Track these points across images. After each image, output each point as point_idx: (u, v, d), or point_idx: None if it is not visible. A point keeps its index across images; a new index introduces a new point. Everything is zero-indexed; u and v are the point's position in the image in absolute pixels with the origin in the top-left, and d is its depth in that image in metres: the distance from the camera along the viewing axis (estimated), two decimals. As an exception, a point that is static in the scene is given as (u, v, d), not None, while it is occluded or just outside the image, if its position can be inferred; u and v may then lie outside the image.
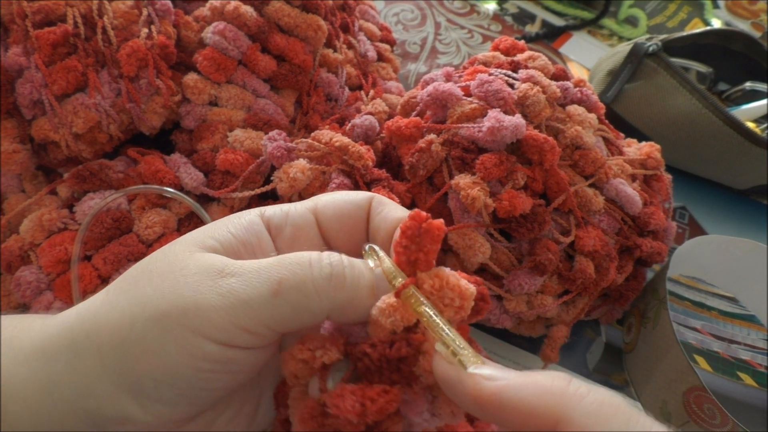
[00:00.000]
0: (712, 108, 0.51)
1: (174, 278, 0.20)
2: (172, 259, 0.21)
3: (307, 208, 0.24)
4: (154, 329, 0.19)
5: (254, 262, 0.21)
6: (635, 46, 0.54)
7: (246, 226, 0.23)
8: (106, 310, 0.20)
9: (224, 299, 0.20)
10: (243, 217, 0.23)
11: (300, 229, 0.24)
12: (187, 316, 0.19)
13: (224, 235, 0.22)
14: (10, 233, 0.37)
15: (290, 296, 0.20)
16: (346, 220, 0.24)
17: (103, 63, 0.37)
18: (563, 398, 0.16)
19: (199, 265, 0.21)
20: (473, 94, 0.40)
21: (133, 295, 0.20)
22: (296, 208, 0.24)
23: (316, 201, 0.24)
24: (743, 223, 0.56)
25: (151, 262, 0.22)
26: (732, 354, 0.46)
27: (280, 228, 0.23)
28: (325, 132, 0.39)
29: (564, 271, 0.39)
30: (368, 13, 0.58)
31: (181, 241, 0.22)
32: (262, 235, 0.23)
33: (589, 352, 0.45)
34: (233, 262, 0.21)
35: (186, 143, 0.41)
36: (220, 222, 0.23)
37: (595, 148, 0.41)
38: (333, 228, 0.24)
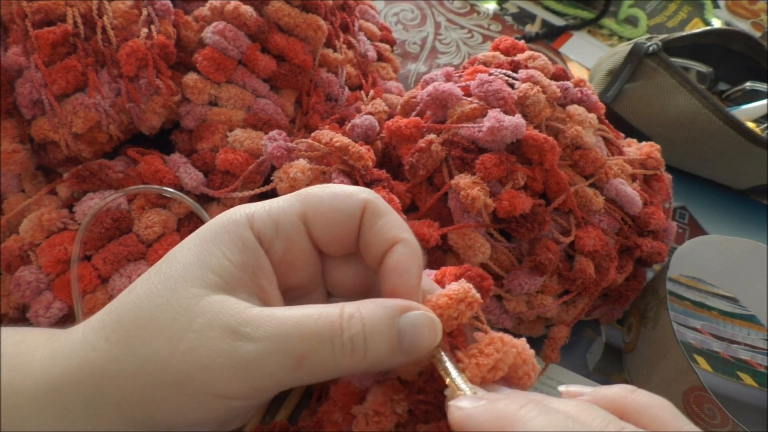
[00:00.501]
0: (712, 108, 0.51)
1: (187, 337, 0.19)
2: (178, 307, 0.20)
3: (296, 215, 0.23)
4: (176, 391, 0.19)
5: (273, 320, 0.20)
6: (635, 46, 0.54)
7: (241, 247, 0.22)
8: (116, 367, 0.20)
9: (244, 369, 0.19)
10: (234, 233, 0.22)
11: (291, 241, 0.23)
12: (207, 381, 0.19)
13: (223, 266, 0.21)
14: (9, 233, 0.37)
15: (311, 371, 0.20)
16: (337, 229, 0.23)
17: (103, 63, 0.37)
18: (512, 422, 0.18)
19: (212, 318, 0.20)
20: (473, 94, 0.40)
21: (144, 353, 0.20)
22: (286, 218, 0.23)
23: (306, 204, 0.23)
24: (743, 223, 0.56)
25: (155, 309, 0.20)
26: (732, 354, 0.46)
27: (271, 241, 0.22)
28: (325, 132, 0.39)
29: (564, 271, 0.39)
30: (368, 13, 0.58)
31: (180, 279, 0.21)
32: (258, 253, 0.22)
33: (589, 352, 0.45)
34: (249, 315, 0.20)
35: (186, 143, 0.41)
36: (212, 245, 0.22)
37: (595, 148, 0.41)
38: (323, 236, 0.23)
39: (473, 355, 0.22)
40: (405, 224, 0.23)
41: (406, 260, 0.22)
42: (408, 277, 0.22)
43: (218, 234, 0.22)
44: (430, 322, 0.21)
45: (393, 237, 0.22)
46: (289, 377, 0.20)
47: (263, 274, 0.22)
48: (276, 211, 0.22)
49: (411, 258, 0.22)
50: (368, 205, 0.23)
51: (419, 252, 0.23)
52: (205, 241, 0.22)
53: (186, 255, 0.21)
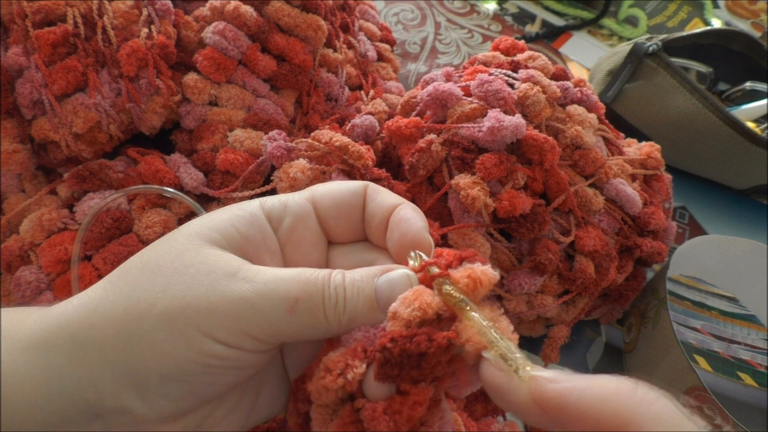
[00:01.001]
0: (712, 108, 0.51)
1: (184, 276, 0.20)
2: (179, 253, 0.21)
3: (305, 198, 0.24)
4: (164, 328, 0.20)
5: (269, 271, 0.21)
6: (635, 46, 0.54)
7: (250, 220, 0.23)
8: (111, 305, 0.20)
9: (237, 306, 0.20)
10: (245, 209, 0.23)
11: (299, 219, 0.24)
12: (198, 317, 0.20)
13: (229, 231, 0.22)
14: (10, 233, 0.37)
15: (303, 316, 0.21)
16: (343, 207, 0.24)
17: (103, 63, 0.37)
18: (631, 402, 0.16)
19: (210, 264, 0.21)
20: (473, 94, 0.40)
21: (140, 292, 0.20)
22: (294, 199, 0.24)
23: (313, 191, 0.25)
24: (743, 223, 0.56)
25: (157, 256, 0.21)
26: (732, 354, 0.46)
27: (279, 220, 0.24)
28: (325, 132, 0.39)
29: (564, 271, 0.39)
30: (368, 13, 0.58)
31: (184, 233, 0.22)
32: (265, 230, 0.23)
33: (589, 352, 0.45)
34: (247, 266, 0.21)
35: (186, 143, 0.41)
36: (223, 213, 0.23)
37: (595, 148, 0.41)
38: (331, 216, 0.24)
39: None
40: (402, 198, 0.25)
41: (409, 213, 0.23)
42: (413, 223, 0.23)
43: (231, 208, 0.23)
44: (406, 279, 0.22)
45: (393, 202, 0.24)
46: (281, 321, 0.20)
47: (267, 249, 0.23)
48: (285, 196, 0.24)
49: (413, 212, 0.23)
50: (369, 185, 0.25)
51: (418, 210, 0.24)
52: (217, 212, 0.23)
53: (196, 221, 0.23)
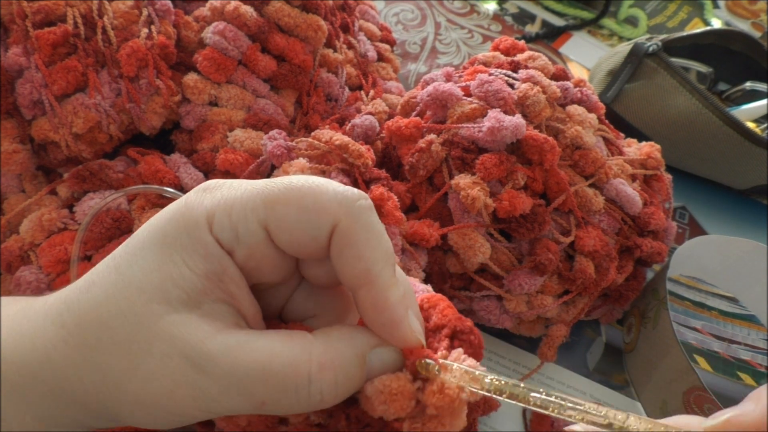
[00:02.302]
0: (712, 108, 0.51)
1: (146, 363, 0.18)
2: (136, 325, 0.19)
3: (258, 223, 0.20)
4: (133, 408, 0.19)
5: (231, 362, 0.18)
6: (635, 46, 0.54)
7: (204, 254, 0.19)
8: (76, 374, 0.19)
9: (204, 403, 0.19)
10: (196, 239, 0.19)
11: (253, 248, 0.20)
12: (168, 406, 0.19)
13: (185, 276, 0.19)
14: (10, 233, 0.37)
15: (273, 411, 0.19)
16: (301, 245, 0.20)
17: (103, 63, 0.37)
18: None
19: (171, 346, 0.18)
20: (473, 94, 0.40)
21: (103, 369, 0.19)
22: (246, 225, 0.20)
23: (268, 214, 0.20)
24: (743, 223, 0.56)
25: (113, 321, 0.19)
26: (732, 354, 0.46)
27: (231, 247, 0.20)
28: (325, 131, 0.39)
29: (564, 271, 0.39)
30: (368, 13, 0.58)
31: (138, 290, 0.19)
32: (223, 260, 0.20)
33: (589, 352, 0.45)
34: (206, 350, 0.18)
35: (186, 143, 0.41)
36: (172, 250, 0.19)
37: (595, 148, 0.41)
38: (288, 247, 0.20)
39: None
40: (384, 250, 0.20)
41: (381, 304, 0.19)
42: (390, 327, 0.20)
43: (178, 238, 0.20)
44: (398, 363, 0.20)
45: (361, 274, 0.19)
46: (250, 413, 0.19)
47: (230, 279, 0.20)
48: (237, 215, 0.20)
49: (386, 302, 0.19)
50: (337, 230, 0.19)
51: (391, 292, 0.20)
52: (165, 245, 0.20)
53: (145, 258, 0.20)
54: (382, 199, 0.35)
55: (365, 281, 0.19)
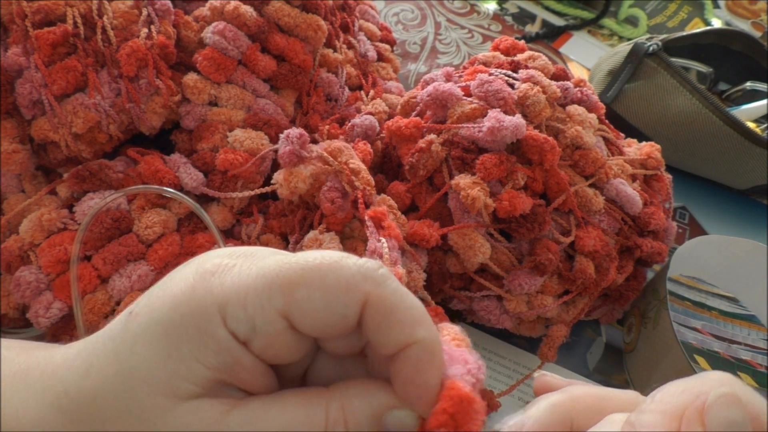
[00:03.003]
0: (712, 108, 0.51)
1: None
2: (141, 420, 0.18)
3: (277, 314, 0.18)
4: None
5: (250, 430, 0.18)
6: (635, 46, 0.54)
7: (215, 350, 0.18)
8: None
9: None
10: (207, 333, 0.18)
11: (271, 338, 0.19)
12: None
13: (195, 370, 0.18)
14: (9, 233, 0.37)
15: None
16: (328, 329, 0.19)
17: (103, 63, 0.37)
18: None
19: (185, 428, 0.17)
20: (473, 94, 0.40)
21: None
22: (264, 318, 0.18)
23: (289, 304, 0.18)
24: (743, 223, 0.56)
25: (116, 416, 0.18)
26: (732, 354, 0.46)
27: (248, 339, 0.19)
28: (342, 147, 0.38)
29: (564, 271, 0.39)
30: (368, 13, 0.58)
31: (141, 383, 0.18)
32: (236, 353, 0.19)
33: (589, 352, 0.45)
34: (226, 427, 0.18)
35: (186, 143, 0.41)
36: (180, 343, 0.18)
37: (595, 148, 0.41)
38: (311, 333, 0.19)
39: None
40: (419, 314, 0.19)
41: (423, 366, 0.18)
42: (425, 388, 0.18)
43: (186, 330, 0.18)
44: (414, 425, 0.19)
45: (404, 341, 0.18)
46: None
47: (243, 369, 0.19)
48: (252, 306, 0.18)
49: (428, 363, 0.18)
50: (370, 300, 0.18)
51: (437, 348, 0.19)
52: (171, 336, 0.18)
53: (148, 347, 0.18)
54: (383, 216, 0.34)
55: (409, 343, 0.18)
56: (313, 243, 0.36)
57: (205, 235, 0.39)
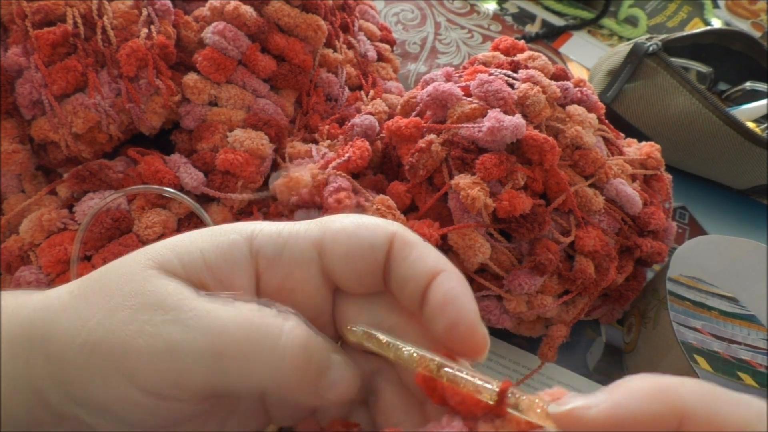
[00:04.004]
0: (712, 108, 0.51)
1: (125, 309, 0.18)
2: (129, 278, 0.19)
3: (311, 242, 0.20)
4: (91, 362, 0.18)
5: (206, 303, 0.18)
6: (635, 46, 0.54)
7: (224, 250, 0.19)
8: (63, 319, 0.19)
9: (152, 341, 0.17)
10: (226, 234, 0.20)
11: (297, 266, 0.20)
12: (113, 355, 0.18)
13: (191, 255, 0.19)
14: (9, 233, 0.37)
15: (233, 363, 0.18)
16: (358, 262, 0.20)
17: (103, 63, 0.37)
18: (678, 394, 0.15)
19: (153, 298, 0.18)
20: (473, 94, 0.40)
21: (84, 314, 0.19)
22: (297, 242, 0.20)
23: (323, 233, 0.20)
24: (743, 223, 0.56)
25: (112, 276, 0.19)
26: (732, 354, 0.46)
27: (272, 262, 0.20)
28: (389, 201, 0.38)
29: (564, 271, 0.39)
30: (368, 13, 0.58)
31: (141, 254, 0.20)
32: (240, 265, 0.19)
33: (589, 352, 0.45)
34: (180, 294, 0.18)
35: (186, 143, 0.41)
36: (197, 234, 0.20)
37: (595, 148, 0.41)
38: (340, 269, 0.20)
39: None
40: (440, 254, 0.20)
41: (458, 290, 0.19)
42: (464, 310, 0.18)
43: (214, 231, 0.20)
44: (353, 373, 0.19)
45: (432, 268, 0.19)
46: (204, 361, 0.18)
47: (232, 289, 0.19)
48: (288, 231, 0.20)
49: (462, 287, 0.19)
50: (397, 236, 0.20)
51: (466, 283, 0.19)
52: (198, 232, 0.20)
53: (174, 237, 0.20)
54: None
55: (438, 271, 0.19)
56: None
57: (205, 235, 0.39)
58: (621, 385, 0.16)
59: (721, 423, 0.14)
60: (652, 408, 0.15)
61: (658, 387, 0.15)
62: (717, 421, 0.14)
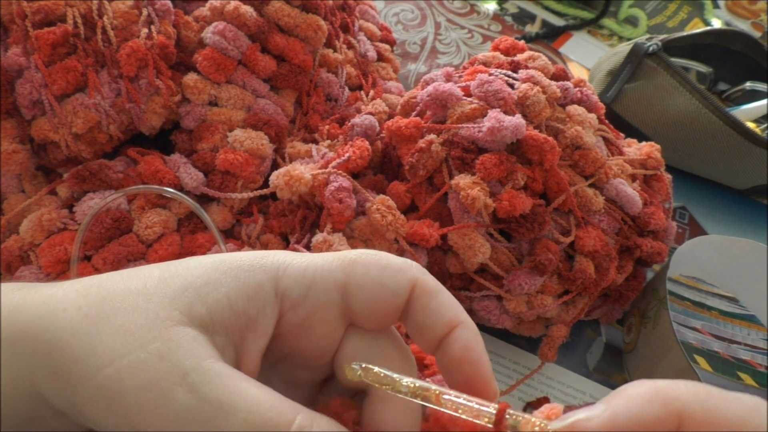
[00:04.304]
0: (712, 108, 0.51)
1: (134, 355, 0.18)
2: (147, 319, 0.18)
3: (335, 285, 0.20)
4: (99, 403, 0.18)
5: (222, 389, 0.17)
6: (635, 46, 0.54)
7: (251, 294, 0.19)
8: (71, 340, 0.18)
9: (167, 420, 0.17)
10: (252, 274, 0.20)
11: (320, 309, 0.20)
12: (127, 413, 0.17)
13: (219, 303, 0.19)
14: (10, 233, 0.37)
15: None
16: (380, 308, 0.20)
17: (103, 63, 0.37)
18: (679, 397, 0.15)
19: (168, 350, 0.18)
20: (473, 94, 0.40)
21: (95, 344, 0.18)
22: (322, 285, 0.20)
23: (347, 278, 0.20)
24: (743, 223, 0.56)
25: (129, 305, 0.19)
26: (732, 354, 0.46)
27: (296, 304, 0.20)
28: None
29: (564, 271, 0.39)
30: (368, 13, 0.58)
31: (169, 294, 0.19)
32: (265, 309, 0.20)
33: (589, 352, 0.45)
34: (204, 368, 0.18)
35: (186, 143, 0.41)
36: (221, 273, 0.20)
37: (595, 148, 0.41)
38: (361, 312, 0.20)
39: None
40: (458, 302, 0.21)
41: (474, 347, 0.20)
42: (481, 366, 0.19)
43: (239, 269, 0.20)
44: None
45: (451, 319, 0.20)
46: None
47: (255, 332, 0.20)
48: (312, 272, 0.20)
49: (477, 344, 0.20)
50: (418, 283, 0.20)
51: (479, 333, 0.20)
52: (221, 269, 0.20)
53: (196, 268, 0.20)
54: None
55: (457, 323, 0.20)
56: (322, 245, 0.36)
57: (205, 235, 0.39)
58: (619, 393, 0.16)
59: (719, 421, 0.15)
60: (651, 412, 0.15)
61: (654, 391, 0.16)
62: (715, 419, 0.15)
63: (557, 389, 0.43)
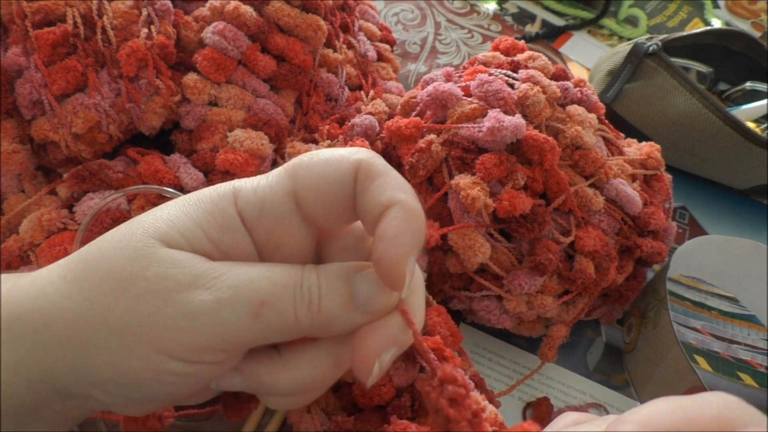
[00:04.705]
0: (712, 108, 0.51)
1: (138, 286, 0.18)
2: (133, 253, 0.19)
3: (285, 194, 0.20)
4: (116, 344, 0.18)
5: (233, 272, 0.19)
6: (635, 46, 0.54)
7: (222, 224, 0.20)
8: (66, 306, 0.19)
9: (196, 320, 0.18)
10: (214, 203, 0.20)
11: (277, 220, 0.20)
12: (152, 334, 0.18)
13: (193, 232, 0.20)
14: (9, 233, 0.37)
15: (271, 320, 0.19)
16: (330, 201, 0.20)
17: (103, 63, 0.37)
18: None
19: (167, 271, 0.18)
20: (473, 94, 0.40)
21: (92, 296, 0.19)
22: (272, 197, 0.20)
23: (294, 182, 0.20)
24: (743, 223, 0.56)
25: (111, 253, 0.19)
26: (732, 354, 0.46)
27: (254, 222, 0.20)
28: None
29: (564, 271, 0.39)
30: (368, 13, 0.58)
31: (139, 229, 0.20)
32: (239, 235, 0.20)
33: (589, 352, 0.45)
34: (209, 269, 0.19)
35: (186, 143, 0.41)
36: (186, 207, 0.20)
37: (595, 148, 0.41)
38: (316, 213, 0.21)
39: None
40: (405, 184, 0.20)
41: (397, 225, 0.19)
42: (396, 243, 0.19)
43: (202, 201, 0.20)
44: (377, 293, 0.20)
45: (387, 200, 0.19)
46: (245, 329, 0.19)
47: (240, 257, 0.20)
48: (263, 189, 0.20)
49: (404, 222, 0.19)
50: (360, 166, 0.20)
51: (417, 214, 0.20)
52: (187, 205, 0.20)
53: (162, 210, 0.20)
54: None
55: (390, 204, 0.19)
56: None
57: (205, 235, 0.39)
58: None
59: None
60: None
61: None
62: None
63: (557, 389, 0.43)
